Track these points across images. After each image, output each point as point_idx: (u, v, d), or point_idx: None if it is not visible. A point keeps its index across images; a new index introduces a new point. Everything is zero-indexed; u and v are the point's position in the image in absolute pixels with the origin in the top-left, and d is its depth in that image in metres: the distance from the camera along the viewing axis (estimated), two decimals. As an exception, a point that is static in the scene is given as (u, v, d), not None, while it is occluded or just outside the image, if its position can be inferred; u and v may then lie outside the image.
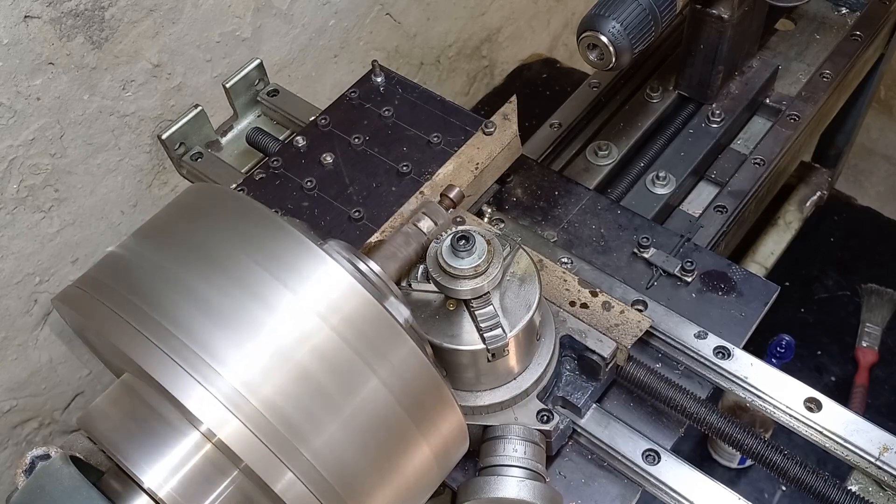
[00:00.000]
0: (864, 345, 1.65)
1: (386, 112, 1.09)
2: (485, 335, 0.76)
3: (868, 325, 1.67)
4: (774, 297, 0.95)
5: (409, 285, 0.80)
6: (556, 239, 1.01)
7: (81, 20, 1.15)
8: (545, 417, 0.83)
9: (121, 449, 0.60)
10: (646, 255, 0.98)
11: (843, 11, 1.34)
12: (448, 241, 0.74)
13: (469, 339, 0.77)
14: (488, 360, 0.78)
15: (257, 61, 1.18)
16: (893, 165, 2.41)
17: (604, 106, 1.26)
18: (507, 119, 1.03)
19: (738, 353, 0.86)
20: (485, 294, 0.76)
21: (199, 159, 1.16)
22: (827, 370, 1.67)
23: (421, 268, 0.80)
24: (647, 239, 0.97)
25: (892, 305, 1.69)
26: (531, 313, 0.78)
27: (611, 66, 0.96)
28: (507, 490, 0.77)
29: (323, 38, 1.59)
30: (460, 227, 0.75)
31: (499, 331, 0.76)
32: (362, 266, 0.71)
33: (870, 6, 1.33)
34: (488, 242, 0.75)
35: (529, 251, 0.84)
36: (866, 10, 1.33)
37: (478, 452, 0.83)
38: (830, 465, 0.85)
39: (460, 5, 1.91)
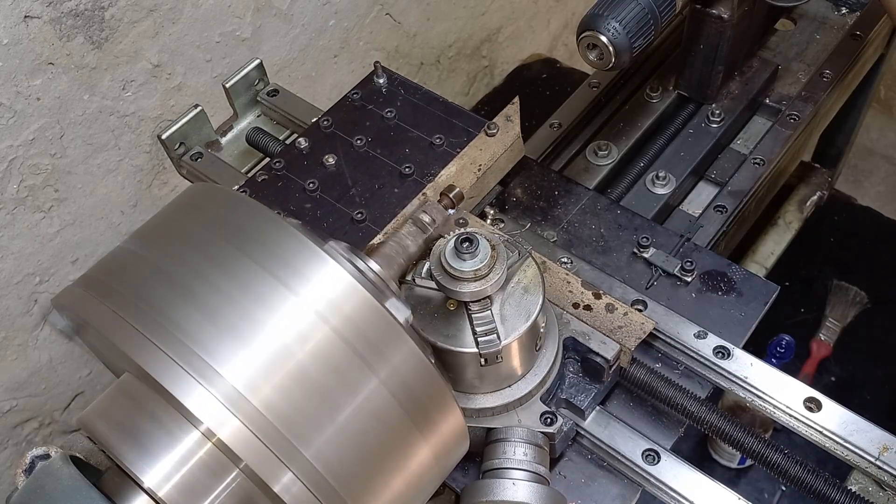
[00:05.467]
0: (822, 338, 1.67)
1: (388, 113, 1.09)
2: (479, 340, 0.75)
3: (830, 319, 1.69)
4: (774, 297, 0.95)
5: (413, 280, 0.80)
6: (555, 239, 1.01)
7: (81, 20, 1.15)
8: (549, 420, 0.83)
9: (121, 449, 0.60)
10: (646, 255, 0.98)
11: (843, 11, 1.34)
12: (452, 243, 0.74)
13: (464, 341, 0.77)
14: (482, 365, 0.78)
15: (257, 61, 1.18)
16: (893, 165, 2.41)
17: (604, 106, 1.26)
18: (509, 120, 1.03)
19: (737, 353, 0.86)
20: (484, 298, 0.75)
21: (199, 159, 1.16)
22: (827, 370, 1.67)
23: (426, 264, 0.80)
24: (647, 239, 0.97)
25: (857, 306, 1.70)
26: (528, 324, 0.77)
27: (610, 65, 0.96)
28: (510, 493, 0.77)
29: (323, 38, 1.59)
30: (466, 230, 0.75)
31: (493, 337, 0.75)
32: (362, 266, 0.71)
33: (870, 6, 1.33)
34: (493, 247, 0.74)
35: (535, 257, 0.83)
36: (866, 10, 1.33)
37: (481, 455, 0.83)
38: (830, 465, 0.84)
39: (460, 5, 1.91)
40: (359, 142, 1.06)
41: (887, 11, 1.05)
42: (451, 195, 0.94)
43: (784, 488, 1.51)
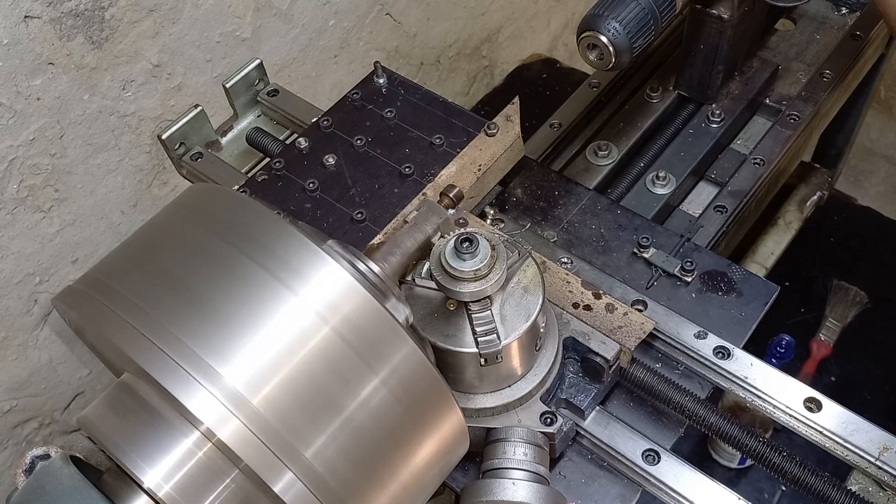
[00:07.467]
0: (822, 338, 1.67)
1: (388, 113, 1.09)
2: (479, 340, 0.76)
3: (830, 319, 1.69)
4: (774, 297, 0.95)
5: (413, 280, 0.80)
6: (556, 239, 1.01)
7: (81, 20, 1.15)
8: (549, 420, 0.83)
9: (121, 449, 0.60)
10: (646, 255, 0.98)
11: (843, 11, 1.34)
12: (451, 243, 0.74)
13: (464, 341, 0.77)
14: (481, 365, 0.78)
15: (257, 61, 1.18)
16: (893, 165, 2.41)
17: (604, 106, 1.26)
18: (509, 120, 1.03)
19: (738, 353, 0.87)
20: (484, 298, 0.75)
21: (199, 159, 1.16)
22: (827, 370, 1.67)
23: (426, 265, 0.80)
24: (647, 239, 0.97)
25: (857, 306, 1.70)
26: (528, 324, 0.77)
27: (611, 65, 0.96)
28: (510, 493, 0.77)
29: (323, 38, 1.59)
30: (466, 230, 0.75)
31: (493, 337, 0.75)
32: (362, 266, 0.71)
33: (870, 6, 1.33)
34: (493, 247, 0.74)
35: (535, 257, 0.83)
36: (866, 10, 1.33)
37: (481, 455, 0.83)
38: (830, 465, 0.84)
39: (460, 5, 1.91)
40: (359, 142, 1.06)
41: (883, 17, 1.05)
42: (451, 195, 0.94)
43: (784, 488, 1.51)
